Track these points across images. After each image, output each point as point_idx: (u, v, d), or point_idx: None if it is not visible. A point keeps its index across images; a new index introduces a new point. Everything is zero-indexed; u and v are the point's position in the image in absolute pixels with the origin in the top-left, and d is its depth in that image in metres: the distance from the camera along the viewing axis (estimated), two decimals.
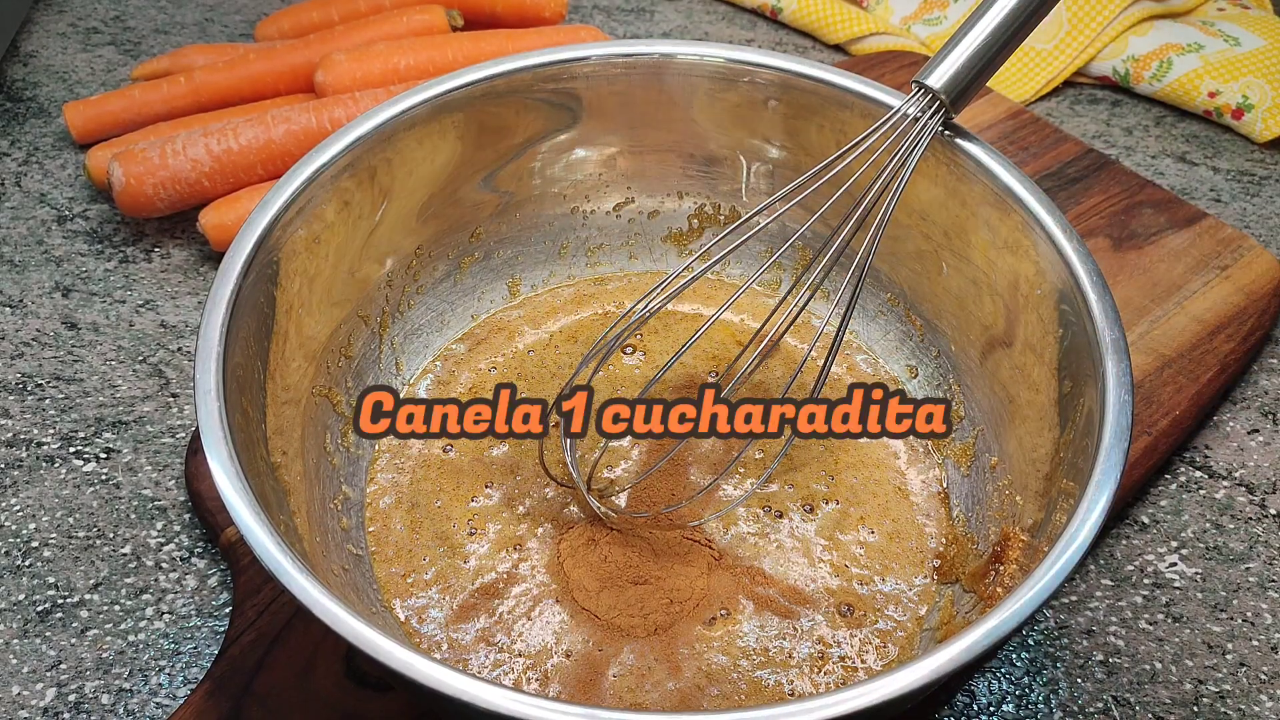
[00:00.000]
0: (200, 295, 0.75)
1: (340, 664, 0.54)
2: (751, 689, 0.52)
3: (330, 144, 0.57)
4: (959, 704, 0.56)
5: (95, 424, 0.67)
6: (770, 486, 0.60)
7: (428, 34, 0.87)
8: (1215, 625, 0.59)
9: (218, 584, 0.60)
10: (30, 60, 0.94)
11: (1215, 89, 0.90)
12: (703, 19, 1.03)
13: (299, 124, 0.77)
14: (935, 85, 0.55)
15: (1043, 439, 0.54)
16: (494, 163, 0.64)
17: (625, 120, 0.66)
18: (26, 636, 0.57)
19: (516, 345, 0.67)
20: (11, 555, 0.61)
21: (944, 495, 0.60)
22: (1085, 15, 0.95)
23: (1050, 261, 0.54)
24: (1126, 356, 0.49)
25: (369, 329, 0.62)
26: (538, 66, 0.62)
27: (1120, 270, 0.74)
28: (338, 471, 0.58)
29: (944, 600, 0.55)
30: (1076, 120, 0.93)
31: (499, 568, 0.56)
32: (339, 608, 0.41)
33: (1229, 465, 0.67)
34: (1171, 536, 0.63)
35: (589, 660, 0.53)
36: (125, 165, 0.74)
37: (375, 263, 0.62)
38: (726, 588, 0.56)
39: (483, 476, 0.60)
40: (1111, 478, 0.45)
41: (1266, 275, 0.74)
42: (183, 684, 0.56)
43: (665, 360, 0.62)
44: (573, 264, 0.71)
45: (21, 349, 0.71)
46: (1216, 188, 0.87)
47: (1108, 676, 0.57)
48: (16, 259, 0.77)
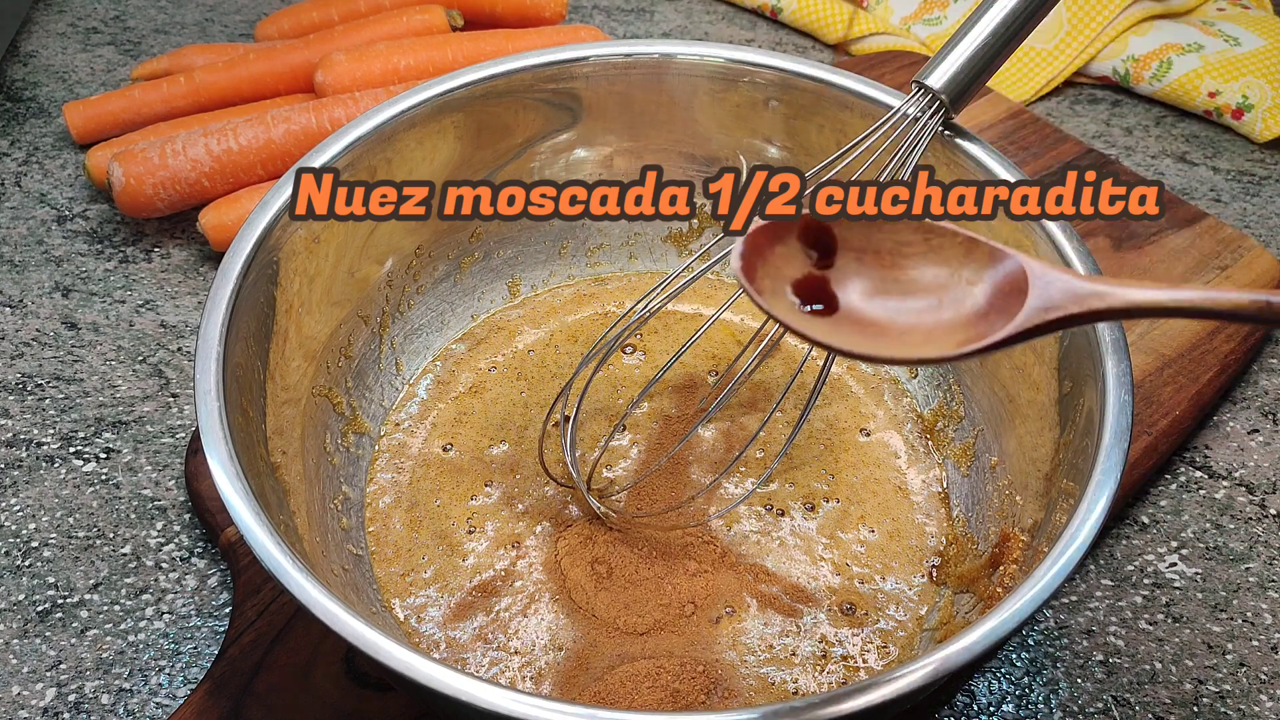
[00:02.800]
0: (200, 295, 0.75)
1: (340, 664, 0.54)
2: (759, 685, 0.52)
3: (330, 144, 0.57)
4: (959, 704, 0.56)
5: (95, 424, 0.67)
6: (771, 485, 0.60)
7: (428, 34, 0.87)
8: (1215, 625, 0.59)
9: (218, 584, 0.60)
10: (30, 60, 0.94)
11: (1215, 89, 0.90)
12: (703, 19, 1.03)
13: (299, 124, 0.77)
14: (935, 85, 0.55)
15: (1043, 439, 0.54)
16: (494, 163, 0.64)
17: (625, 120, 0.66)
18: (26, 636, 0.57)
19: (516, 345, 0.67)
20: (11, 555, 0.61)
21: (944, 495, 0.60)
22: (1085, 15, 0.95)
23: (1050, 261, 0.54)
24: (1126, 356, 0.49)
25: (369, 329, 0.62)
26: (538, 66, 0.62)
27: (1120, 270, 0.74)
28: (338, 471, 0.58)
29: (944, 600, 0.55)
30: (1076, 120, 0.93)
31: (497, 566, 0.56)
32: (339, 608, 0.41)
33: (1229, 465, 0.67)
34: (1171, 536, 0.63)
35: (583, 658, 0.53)
36: (125, 165, 0.74)
37: (375, 263, 0.62)
38: (730, 586, 0.56)
39: (482, 475, 0.60)
40: (1111, 478, 0.45)
41: (1266, 275, 0.74)
42: (183, 684, 0.56)
43: (665, 360, 0.62)
44: (573, 264, 0.71)
45: (21, 349, 0.71)
46: (1216, 188, 0.87)
47: (1108, 676, 0.57)
48: (16, 259, 0.77)
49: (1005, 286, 0.36)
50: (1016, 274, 0.36)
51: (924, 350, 0.36)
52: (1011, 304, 0.35)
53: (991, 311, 0.36)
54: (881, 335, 0.37)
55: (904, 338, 0.37)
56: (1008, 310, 0.35)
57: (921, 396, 0.65)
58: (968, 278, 0.37)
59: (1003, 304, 0.36)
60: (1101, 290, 0.34)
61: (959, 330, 0.36)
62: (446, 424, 0.63)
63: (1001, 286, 0.36)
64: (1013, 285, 0.36)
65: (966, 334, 0.36)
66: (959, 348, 0.35)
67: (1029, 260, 0.36)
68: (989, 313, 0.36)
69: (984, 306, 0.36)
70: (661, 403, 0.64)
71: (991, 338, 0.35)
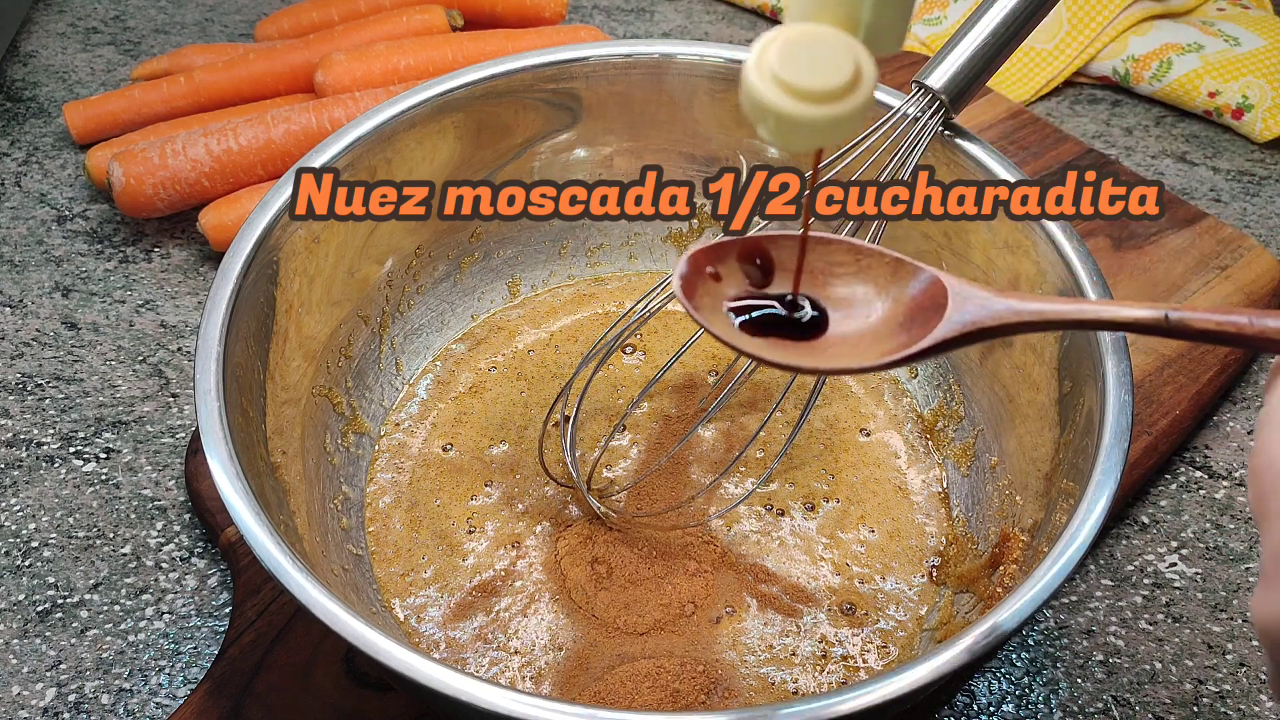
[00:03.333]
0: (200, 295, 0.75)
1: (340, 664, 0.54)
2: (759, 685, 0.52)
3: (330, 144, 0.57)
4: (959, 704, 0.56)
5: (95, 424, 0.67)
6: (771, 485, 0.60)
7: (428, 34, 0.87)
8: (1215, 625, 0.59)
9: (218, 584, 0.60)
10: (30, 60, 0.94)
11: (1215, 89, 0.90)
12: (703, 19, 1.03)
13: (299, 124, 0.77)
14: (935, 85, 0.55)
15: (1043, 439, 0.54)
16: (494, 163, 0.64)
17: (625, 120, 0.66)
18: (26, 636, 0.57)
19: (516, 345, 0.67)
20: (11, 555, 0.61)
21: (944, 495, 0.60)
22: (1085, 15, 0.95)
23: (1050, 261, 0.54)
24: (1126, 356, 0.49)
25: (369, 329, 0.62)
26: (538, 66, 0.62)
27: (1120, 270, 0.74)
28: (338, 471, 0.58)
29: (944, 600, 0.55)
30: (1076, 120, 0.93)
31: (497, 566, 0.56)
32: (339, 608, 0.41)
33: (1229, 465, 0.67)
34: (1171, 536, 0.63)
35: (583, 658, 0.53)
36: (125, 165, 0.74)
37: (375, 263, 0.62)
38: (730, 586, 0.56)
39: (482, 475, 0.60)
40: (1111, 478, 0.45)
41: (1266, 275, 0.74)
42: (183, 684, 0.56)
43: (665, 360, 0.62)
44: (573, 264, 0.71)
45: (21, 349, 0.71)
46: (1216, 188, 0.87)
47: (1108, 676, 0.57)
48: (16, 259, 0.77)
49: (926, 302, 0.39)
50: (937, 290, 0.39)
51: (847, 361, 0.39)
52: (931, 318, 0.38)
53: (914, 325, 0.39)
54: (810, 349, 0.40)
55: (829, 351, 0.40)
56: (928, 324, 0.38)
57: (921, 396, 0.65)
58: (894, 295, 0.40)
59: (924, 318, 0.39)
60: (1014, 305, 0.38)
61: (881, 342, 0.39)
62: (446, 424, 0.63)
63: (922, 302, 0.39)
64: (933, 301, 0.39)
65: (888, 345, 0.39)
66: (880, 358, 0.38)
67: (948, 277, 0.39)
68: (910, 326, 0.39)
69: (905, 320, 0.39)
70: (661, 403, 0.64)
71: (911, 349, 0.38)
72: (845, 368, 0.39)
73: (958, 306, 0.38)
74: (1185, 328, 0.35)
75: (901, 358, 0.38)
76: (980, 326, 0.37)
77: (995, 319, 0.37)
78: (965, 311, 0.38)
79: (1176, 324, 0.35)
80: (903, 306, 0.40)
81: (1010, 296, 0.38)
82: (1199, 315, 0.35)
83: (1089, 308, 0.37)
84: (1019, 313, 0.37)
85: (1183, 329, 0.35)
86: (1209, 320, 0.35)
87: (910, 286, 0.40)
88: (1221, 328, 0.35)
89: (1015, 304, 0.38)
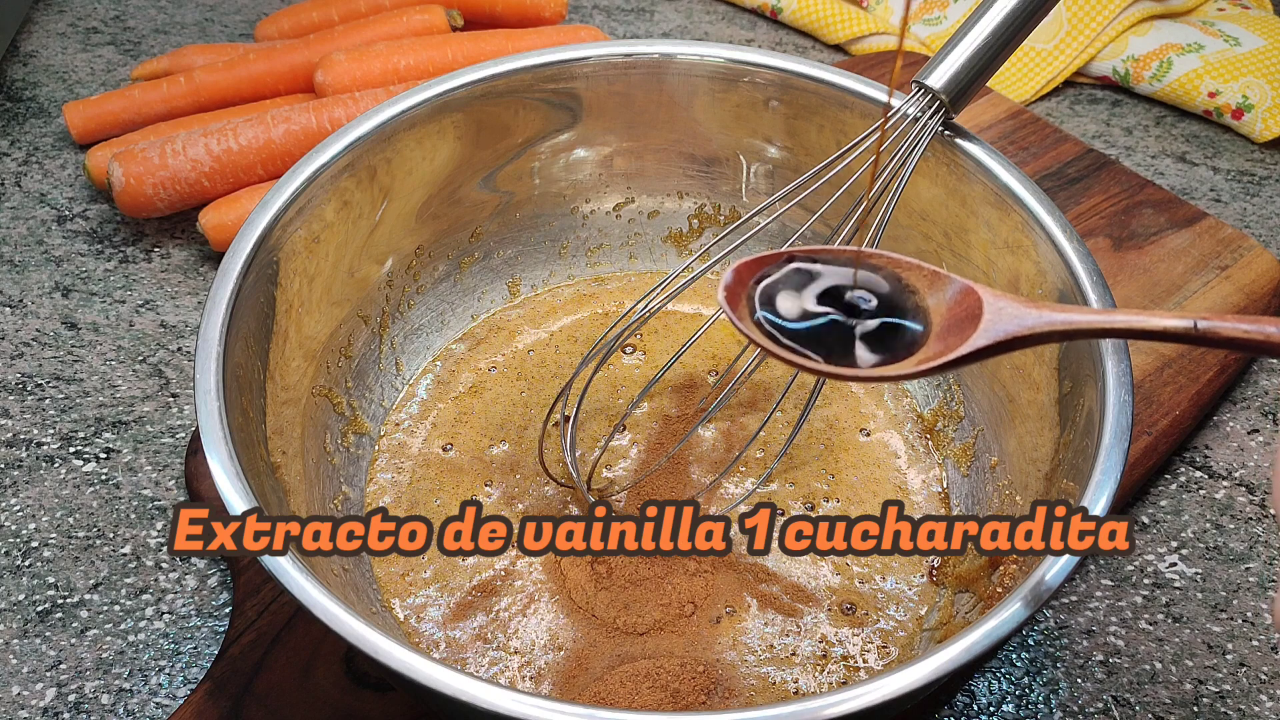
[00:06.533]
0: (200, 295, 0.75)
1: (340, 664, 0.54)
2: (760, 685, 0.52)
3: (330, 144, 0.57)
4: (959, 704, 0.56)
5: (95, 424, 0.67)
6: (771, 485, 0.60)
7: (428, 34, 0.87)
8: (1215, 625, 0.59)
9: (218, 584, 0.60)
10: (30, 60, 0.94)
11: (1215, 89, 0.90)
12: (703, 19, 1.03)
13: (299, 124, 0.77)
14: (935, 85, 0.55)
15: (1043, 439, 0.54)
16: (494, 163, 0.64)
17: (625, 120, 0.66)
18: (26, 636, 0.57)
19: (516, 345, 0.67)
20: (11, 555, 0.61)
21: (944, 495, 0.60)
22: (1085, 15, 0.95)
23: (1050, 261, 0.54)
24: (1126, 356, 0.49)
25: (369, 329, 0.62)
26: (538, 66, 0.62)
27: (1120, 270, 0.74)
28: (338, 471, 0.58)
29: (944, 600, 0.55)
30: (1076, 120, 0.93)
31: (496, 565, 0.56)
32: (339, 608, 0.41)
33: (1229, 465, 0.67)
34: (1171, 536, 0.63)
35: (583, 658, 0.53)
36: (125, 165, 0.74)
37: (375, 263, 0.62)
38: (730, 585, 0.56)
39: (482, 475, 0.60)
40: (1111, 478, 0.45)
41: (1266, 275, 0.74)
42: (183, 684, 0.56)
43: (665, 360, 0.62)
44: (573, 264, 0.71)
45: (21, 349, 0.71)
46: (1216, 188, 0.87)
47: (1108, 676, 0.57)
48: (16, 259, 0.77)
49: (961, 313, 0.40)
50: (972, 301, 0.40)
51: (885, 370, 0.40)
52: (966, 327, 0.40)
53: (949, 334, 0.40)
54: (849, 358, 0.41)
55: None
56: (963, 333, 0.40)
57: (921, 397, 0.65)
58: (930, 304, 0.41)
59: (958, 327, 0.40)
60: (1047, 316, 0.39)
61: (919, 351, 0.40)
62: (446, 424, 0.63)
63: (957, 312, 0.40)
64: (967, 311, 0.40)
65: (925, 354, 0.40)
66: (917, 366, 0.40)
67: (983, 289, 0.40)
68: (945, 335, 0.40)
69: (941, 330, 0.40)
70: (661, 403, 0.64)
71: (947, 356, 0.39)
72: (884, 375, 0.40)
73: (994, 317, 0.39)
74: (1214, 336, 0.36)
75: (938, 365, 0.39)
76: (1014, 336, 0.39)
77: (1029, 329, 0.39)
78: (1001, 321, 0.39)
79: (1205, 332, 0.36)
80: (939, 316, 0.41)
81: (1043, 308, 0.39)
82: (1227, 324, 0.36)
83: (1119, 318, 0.38)
84: (1052, 323, 0.39)
85: (1211, 338, 0.36)
86: (1237, 329, 0.36)
87: (946, 296, 0.41)
88: (1249, 336, 0.36)
89: (1049, 315, 0.39)
